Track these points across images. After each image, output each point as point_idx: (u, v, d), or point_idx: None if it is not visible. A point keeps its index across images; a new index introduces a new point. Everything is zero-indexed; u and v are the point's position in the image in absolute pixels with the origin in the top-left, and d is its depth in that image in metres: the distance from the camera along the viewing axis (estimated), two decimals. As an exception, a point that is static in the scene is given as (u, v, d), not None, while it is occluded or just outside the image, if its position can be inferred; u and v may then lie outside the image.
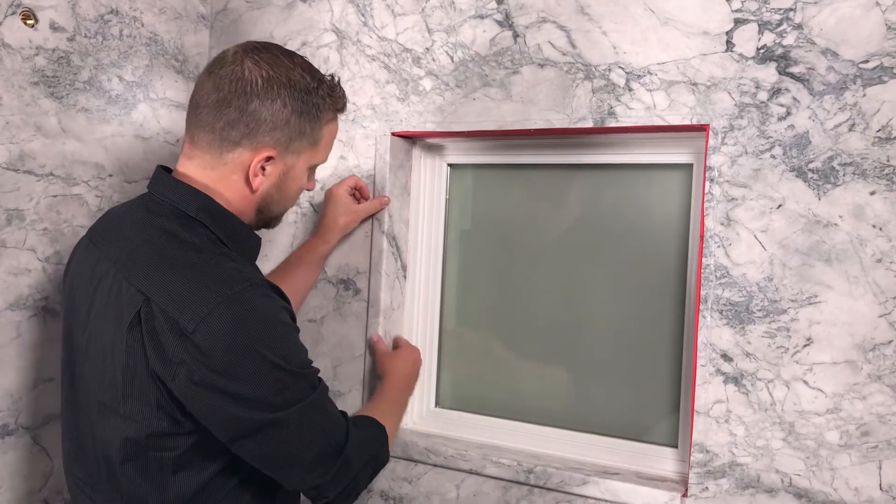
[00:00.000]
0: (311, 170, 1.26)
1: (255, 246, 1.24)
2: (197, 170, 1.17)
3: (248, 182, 1.17)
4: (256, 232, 1.26)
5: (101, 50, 1.58)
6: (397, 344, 1.63)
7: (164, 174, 1.18)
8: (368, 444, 1.21)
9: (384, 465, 1.25)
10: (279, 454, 1.08)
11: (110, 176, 1.62)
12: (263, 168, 1.17)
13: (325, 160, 1.26)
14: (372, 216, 1.61)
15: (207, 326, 1.00)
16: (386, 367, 1.52)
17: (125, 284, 1.08)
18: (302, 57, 1.21)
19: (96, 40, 1.57)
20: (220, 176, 1.16)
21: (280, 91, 1.14)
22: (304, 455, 1.09)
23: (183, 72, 1.77)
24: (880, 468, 1.17)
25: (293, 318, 1.12)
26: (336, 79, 1.24)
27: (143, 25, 1.67)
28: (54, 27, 1.49)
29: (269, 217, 1.26)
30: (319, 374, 1.15)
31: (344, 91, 1.24)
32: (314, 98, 1.17)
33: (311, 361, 1.13)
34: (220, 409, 1.03)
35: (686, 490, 1.32)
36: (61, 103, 1.51)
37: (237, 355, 1.01)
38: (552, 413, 1.57)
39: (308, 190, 1.30)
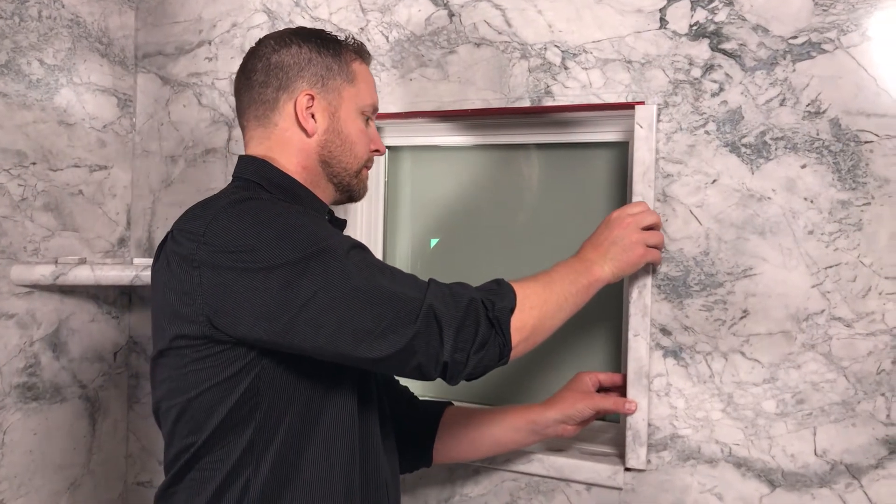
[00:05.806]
0: (364, 116, 1.21)
1: (315, 200, 1.18)
2: (256, 147, 1.18)
3: (303, 130, 1.16)
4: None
5: (19, 32, 1.51)
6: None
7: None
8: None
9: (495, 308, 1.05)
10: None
11: (33, 164, 1.55)
12: (313, 115, 1.15)
13: (372, 103, 1.21)
14: None
15: (215, 225, 1.01)
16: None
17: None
18: None
19: (13, 21, 1.50)
20: (278, 140, 1.16)
21: (292, 38, 1.17)
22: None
23: (108, 55, 1.71)
24: (815, 434, 1.20)
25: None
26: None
27: (63, 6, 1.60)
28: (-33, 8, 1.42)
29: (340, 170, 1.19)
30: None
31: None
32: (326, 38, 1.19)
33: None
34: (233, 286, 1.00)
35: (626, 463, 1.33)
36: (-23, 88, 1.44)
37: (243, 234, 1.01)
38: (497, 393, 1.57)
39: (378, 151, 1.23)
